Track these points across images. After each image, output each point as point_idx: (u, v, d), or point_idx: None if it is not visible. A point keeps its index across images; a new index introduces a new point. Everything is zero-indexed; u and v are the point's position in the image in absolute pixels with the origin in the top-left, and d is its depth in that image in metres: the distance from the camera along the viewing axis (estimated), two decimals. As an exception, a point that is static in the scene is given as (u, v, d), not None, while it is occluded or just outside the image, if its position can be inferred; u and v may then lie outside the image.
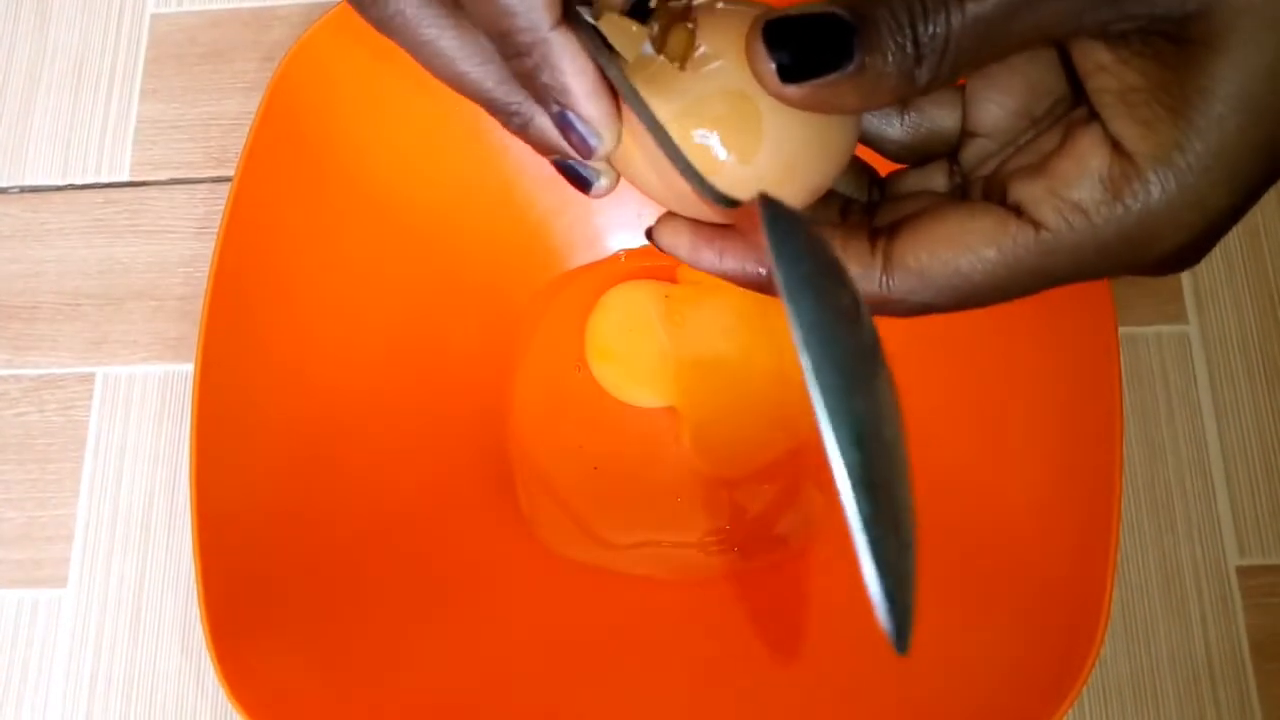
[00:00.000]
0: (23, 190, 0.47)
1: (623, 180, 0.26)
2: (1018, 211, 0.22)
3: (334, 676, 0.35)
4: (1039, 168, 0.23)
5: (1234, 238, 0.43)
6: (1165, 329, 0.42)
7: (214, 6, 0.49)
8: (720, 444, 0.42)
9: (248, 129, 0.37)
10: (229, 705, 0.33)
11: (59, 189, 0.47)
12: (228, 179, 0.37)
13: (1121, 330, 0.35)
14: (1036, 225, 0.22)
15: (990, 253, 0.22)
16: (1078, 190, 0.21)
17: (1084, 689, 0.31)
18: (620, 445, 0.43)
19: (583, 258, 0.45)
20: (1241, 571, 0.39)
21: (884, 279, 0.23)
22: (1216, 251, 0.42)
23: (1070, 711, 0.31)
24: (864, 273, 0.23)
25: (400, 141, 0.41)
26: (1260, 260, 0.42)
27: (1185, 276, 0.42)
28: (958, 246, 0.22)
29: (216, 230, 0.36)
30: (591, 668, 0.38)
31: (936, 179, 0.26)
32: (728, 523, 0.41)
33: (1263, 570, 0.39)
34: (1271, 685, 0.38)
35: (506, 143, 0.42)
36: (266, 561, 0.35)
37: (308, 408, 0.38)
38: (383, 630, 0.37)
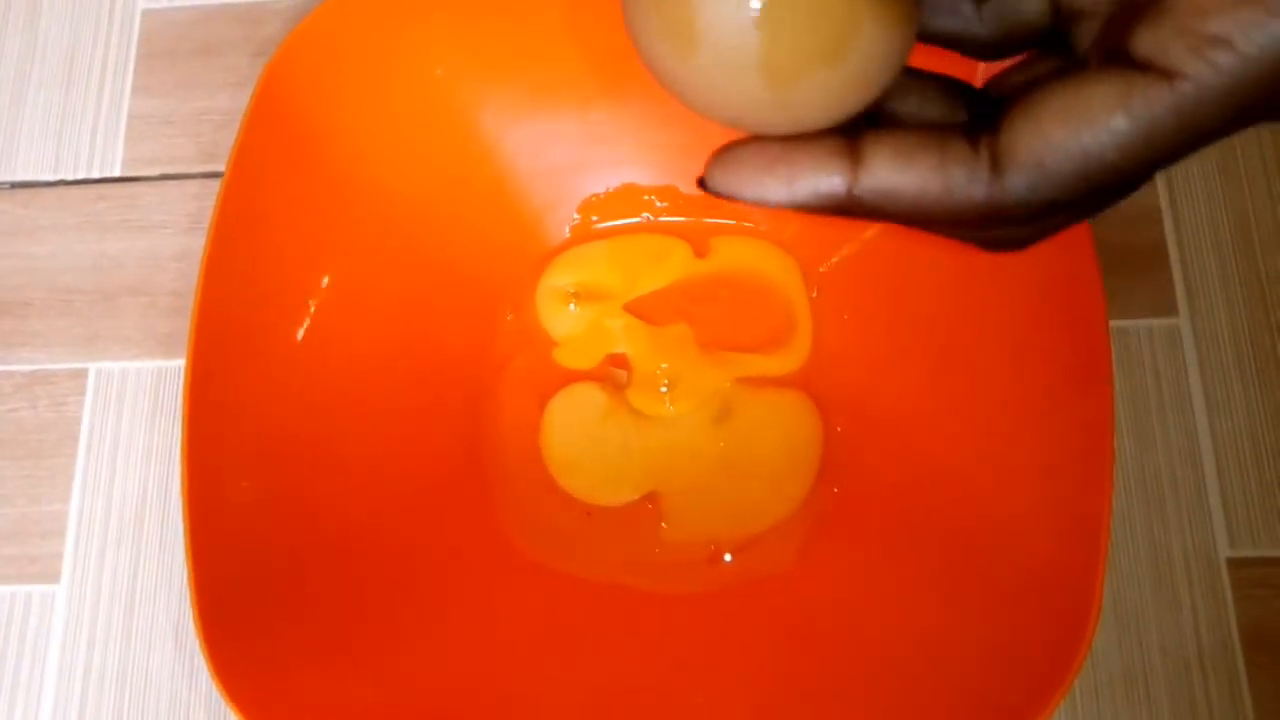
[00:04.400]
0: (14, 186, 0.47)
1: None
2: (1144, 68, 0.18)
3: (326, 672, 0.35)
4: (1160, 6, 0.18)
5: (1224, 228, 0.43)
6: (1156, 322, 0.42)
7: (205, 2, 0.49)
8: (705, 521, 0.41)
9: (239, 124, 0.37)
10: (221, 700, 0.33)
11: (51, 185, 0.47)
12: (219, 174, 0.37)
13: (1112, 323, 0.35)
14: (1171, 76, 0.18)
15: (1119, 121, 0.18)
16: (1217, 21, 0.17)
17: (1075, 680, 0.31)
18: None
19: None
20: (1232, 563, 0.39)
21: (994, 180, 0.19)
22: (1207, 243, 0.43)
23: (1061, 703, 0.31)
24: (970, 175, 0.19)
25: (391, 137, 0.41)
26: (1250, 252, 0.43)
27: (1175, 269, 0.42)
28: (1076, 121, 0.18)
29: (208, 225, 0.36)
30: (585, 669, 0.38)
31: (1041, 71, 0.22)
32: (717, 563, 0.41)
33: (1253, 562, 0.39)
34: (1261, 677, 0.38)
35: (499, 137, 0.42)
36: (259, 557, 0.35)
37: (299, 403, 0.38)
38: (376, 626, 0.37)
